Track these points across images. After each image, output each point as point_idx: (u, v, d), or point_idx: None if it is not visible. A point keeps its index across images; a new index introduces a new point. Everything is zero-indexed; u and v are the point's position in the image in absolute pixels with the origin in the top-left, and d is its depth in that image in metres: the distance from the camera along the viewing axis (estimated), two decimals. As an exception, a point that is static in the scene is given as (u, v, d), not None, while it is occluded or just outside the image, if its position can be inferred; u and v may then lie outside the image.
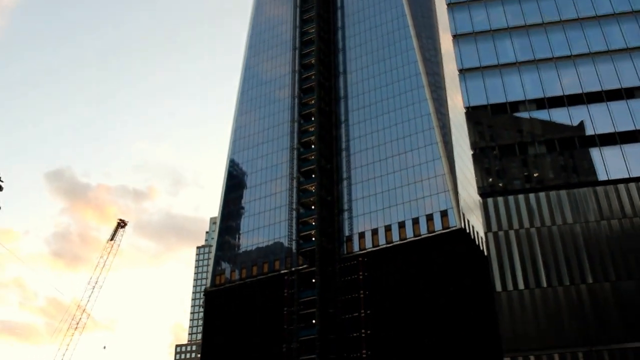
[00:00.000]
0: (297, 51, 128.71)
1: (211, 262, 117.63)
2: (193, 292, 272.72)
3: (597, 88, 56.86)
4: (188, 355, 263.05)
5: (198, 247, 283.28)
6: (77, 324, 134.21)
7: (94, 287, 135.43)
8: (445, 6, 67.77)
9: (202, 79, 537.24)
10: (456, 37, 64.37)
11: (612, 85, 56.64)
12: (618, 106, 55.21)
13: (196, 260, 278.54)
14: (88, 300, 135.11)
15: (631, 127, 53.78)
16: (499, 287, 50.06)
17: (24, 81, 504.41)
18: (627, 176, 51.72)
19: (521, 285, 49.66)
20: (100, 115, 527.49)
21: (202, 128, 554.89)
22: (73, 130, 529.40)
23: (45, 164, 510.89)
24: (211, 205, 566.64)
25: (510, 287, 49.83)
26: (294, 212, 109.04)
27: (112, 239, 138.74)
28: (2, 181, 14.94)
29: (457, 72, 62.31)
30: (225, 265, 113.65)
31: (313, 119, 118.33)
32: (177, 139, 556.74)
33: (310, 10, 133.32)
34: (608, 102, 55.73)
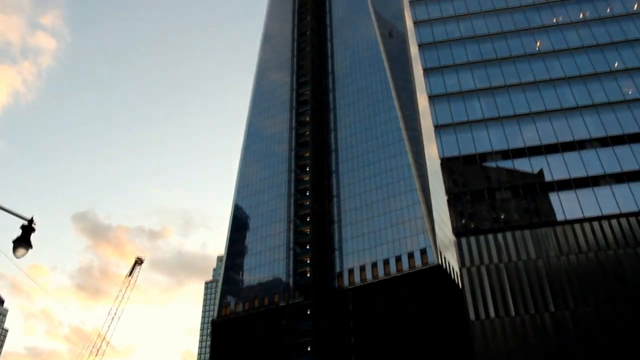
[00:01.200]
0: (294, 110, 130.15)
1: (218, 295, 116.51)
2: (201, 323, 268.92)
3: (553, 140, 57.77)
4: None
5: (206, 282, 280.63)
6: (97, 350, 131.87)
7: (113, 317, 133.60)
8: (422, 71, 69.05)
9: (210, 132, 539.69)
10: (431, 98, 65.36)
11: (566, 138, 57.62)
12: (572, 156, 56.07)
13: (204, 294, 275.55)
14: (107, 329, 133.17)
15: (583, 174, 54.53)
16: (472, 316, 49.86)
17: (58, 132, 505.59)
18: (581, 216, 52.21)
19: (492, 314, 49.51)
20: (121, 164, 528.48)
21: (210, 176, 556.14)
22: (97, 178, 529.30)
23: (72, 207, 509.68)
24: (217, 244, 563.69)
25: (482, 316, 49.66)
26: (291, 251, 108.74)
27: (130, 275, 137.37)
28: (35, 223, 15.18)
29: (432, 127, 63.12)
30: (230, 298, 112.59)
31: (308, 169, 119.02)
32: (188, 185, 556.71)
33: (305, 75, 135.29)
34: (563, 153, 56.59)
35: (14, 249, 18.17)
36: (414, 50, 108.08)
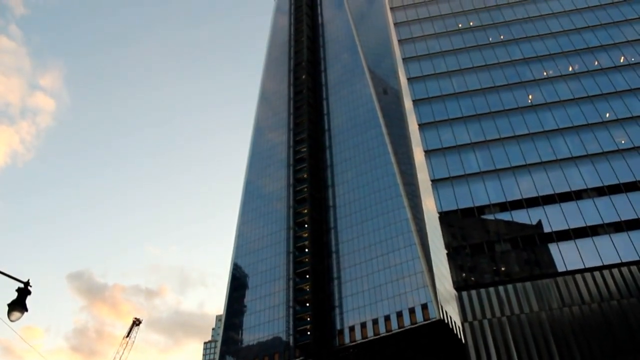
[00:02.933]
0: (291, 168, 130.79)
1: (217, 356, 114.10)
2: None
3: (550, 191, 57.84)
4: None
5: (205, 342, 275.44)
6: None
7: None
8: (417, 126, 69.71)
9: (207, 190, 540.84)
10: (427, 152, 65.73)
11: (562, 188, 57.73)
12: (569, 206, 56.02)
13: (203, 355, 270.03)
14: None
15: (582, 224, 54.34)
16: (477, 372, 48.73)
17: (54, 192, 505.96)
18: (582, 267, 51.68)
19: (497, 369, 48.38)
20: (118, 222, 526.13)
21: (207, 233, 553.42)
22: (94, 236, 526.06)
23: (68, 266, 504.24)
24: (215, 303, 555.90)
25: (487, 371, 48.52)
26: (291, 310, 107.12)
27: (127, 336, 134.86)
28: (30, 286, 14.85)
29: (429, 181, 63.26)
30: (230, 359, 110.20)
31: (306, 226, 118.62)
32: (185, 243, 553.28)
33: (302, 132, 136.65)
34: (560, 203, 56.57)
35: (9, 312, 17.80)
36: (408, 105, 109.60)
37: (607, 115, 63.31)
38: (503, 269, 55.27)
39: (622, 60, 69.22)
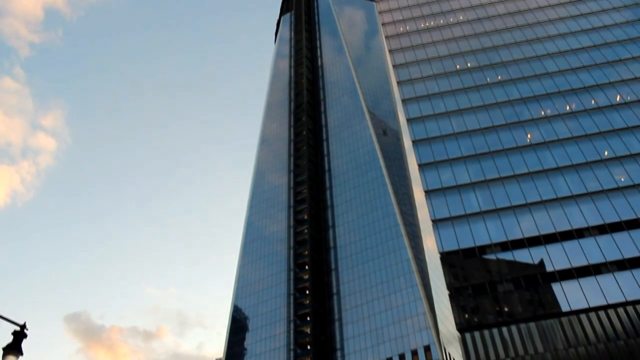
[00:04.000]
0: (291, 209, 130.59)
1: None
2: None
3: (551, 230, 57.51)
4: None
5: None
6: None
7: None
8: (417, 166, 69.82)
9: (207, 231, 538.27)
10: (427, 193, 65.64)
11: (564, 227, 57.41)
12: (571, 245, 55.62)
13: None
14: None
15: (584, 263, 53.83)
16: (482, 415, 47.58)
17: (52, 232, 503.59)
18: (587, 306, 50.98)
19: (502, 413, 47.25)
20: (116, 263, 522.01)
21: (206, 274, 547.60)
22: (92, 277, 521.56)
23: (65, 308, 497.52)
24: (214, 345, 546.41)
25: (492, 414, 47.38)
26: (292, 352, 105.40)
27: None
28: (26, 329, 14.44)
29: (430, 220, 62.98)
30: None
31: (307, 267, 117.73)
32: (183, 284, 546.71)
33: (302, 173, 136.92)
34: (562, 242, 56.18)
35: (4, 356, 17.40)
36: (408, 145, 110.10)
37: (606, 153, 63.48)
38: (506, 309, 54.53)
39: (618, 99, 69.81)
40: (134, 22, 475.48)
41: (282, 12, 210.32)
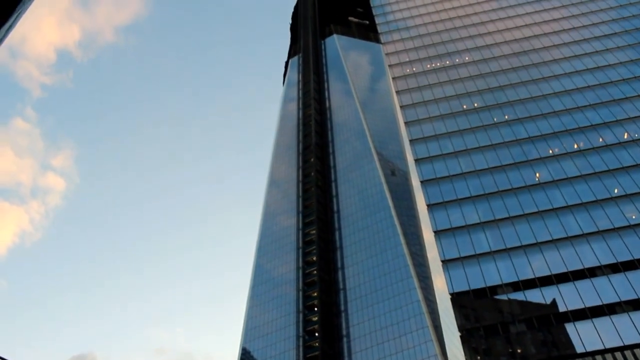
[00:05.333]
0: (300, 250, 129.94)
1: None
2: None
3: (563, 270, 56.77)
4: None
5: None
6: None
7: None
8: (426, 206, 69.58)
9: (215, 273, 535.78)
10: (437, 233, 65.26)
11: (575, 266, 56.67)
12: (584, 284, 54.80)
13: None
14: None
15: (598, 303, 52.91)
16: None
17: (60, 272, 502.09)
18: (602, 347, 49.87)
19: None
20: (123, 304, 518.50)
21: (215, 317, 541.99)
22: (98, 318, 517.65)
23: (71, 350, 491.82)
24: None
25: None
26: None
27: None
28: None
29: (439, 261, 62.41)
30: None
31: (316, 309, 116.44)
32: (191, 326, 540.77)
33: (311, 215, 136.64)
34: (575, 281, 55.37)
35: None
36: (416, 186, 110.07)
37: (616, 190, 63.09)
38: (519, 350, 53.48)
39: (626, 137, 69.77)
40: (142, 64, 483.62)
41: (290, 54, 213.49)
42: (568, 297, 54.28)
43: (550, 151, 71.11)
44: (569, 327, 52.40)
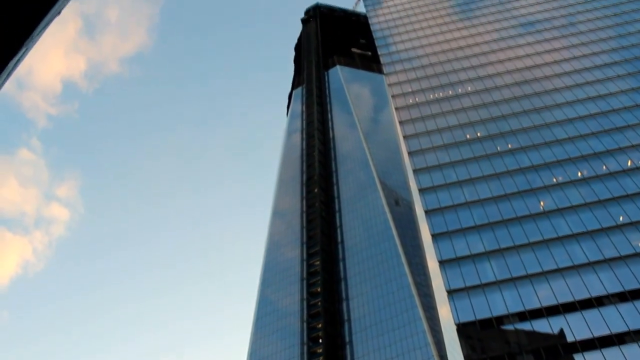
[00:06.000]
0: (304, 282, 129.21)
1: None
2: None
3: (570, 299, 56.25)
4: None
5: None
6: None
7: None
8: (430, 236, 69.39)
9: (220, 305, 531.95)
10: (441, 263, 64.94)
11: (582, 295, 56.15)
12: (591, 313, 54.22)
13: None
14: None
15: (607, 332, 52.26)
16: None
17: (61, 303, 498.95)
18: (611, 378, 49.30)
19: None
20: (125, 336, 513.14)
21: (219, 350, 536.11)
22: (99, 351, 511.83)
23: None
24: None
25: None
26: None
27: None
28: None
29: (445, 291, 62.00)
30: None
31: (321, 341, 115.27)
32: (193, 357, 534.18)
33: (315, 245, 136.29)
34: (582, 311, 54.80)
35: None
36: (420, 215, 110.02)
37: (621, 218, 62.88)
38: (527, 382, 52.78)
39: (629, 164, 69.80)
40: (146, 95, 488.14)
41: (294, 86, 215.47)
42: (576, 327, 53.71)
43: (554, 179, 71.13)
44: (578, 358, 51.72)
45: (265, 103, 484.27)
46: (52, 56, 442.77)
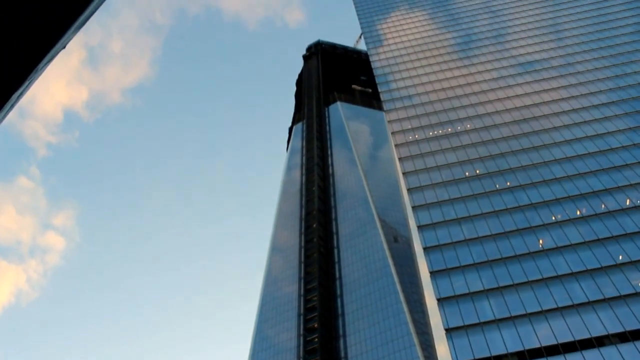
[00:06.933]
0: (301, 317, 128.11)
1: None
2: None
3: (570, 339, 55.66)
4: None
5: None
6: None
7: None
8: (429, 273, 69.01)
9: (215, 340, 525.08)
10: (440, 300, 64.47)
11: (582, 335, 55.58)
12: (592, 354, 53.57)
13: None
14: None
15: (607, 373, 51.79)
16: None
17: (55, 333, 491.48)
18: (612, 421, 48.52)
19: None
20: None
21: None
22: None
23: None
24: None
25: None
26: None
27: None
28: None
29: (443, 329, 61.42)
30: None
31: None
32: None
33: (313, 281, 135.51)
34: (582, 351, 54.18)
35: None
36: (419, 252, 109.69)
37: (620, 257, 62.64)
38: None
39: (628, 203, 69.86)
40: (147, 126, 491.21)
41: (294, 121, 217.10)
42: (576, 368, 53.13)
43: (553, 217, 71.11)
44: (578, 399, 51.09)
45: (265, 137, 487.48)
46: (54, 86, 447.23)
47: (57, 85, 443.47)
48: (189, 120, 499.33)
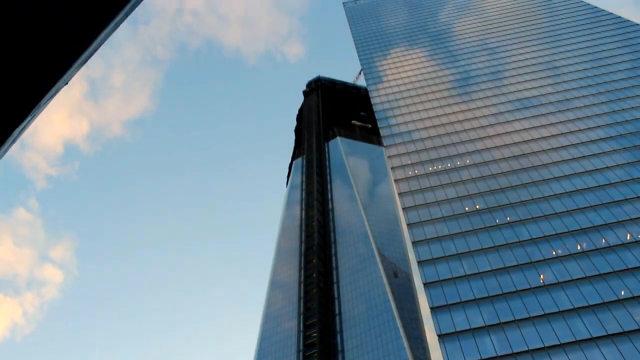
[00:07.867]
0: (300, 353, 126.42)
1: None
2: None
3: (573, 376, 55.10)
4: None
5: None
6: None
7: None
8: (429, 308, 68.44)
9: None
10: (441, 337, 63.81)
11: (586, 372, 55.02)
12: (595, 391, 53.00)
13: None
14: None
15: (612, 411, 50.94)
16: None
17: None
18: None
19: None
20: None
21: None
22: None
23: None
24: None
25: None
26: None
27: None
28: None
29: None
30: None
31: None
32: None
33: (312, 317, 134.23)
34: (586, 389, 53.59)
35: None
36: (419, 287, 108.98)
37: (622, 293, 62.17)
38: None
39: (628, 238, 69.67)
40: (147, 159, 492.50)
41: (294, 156, 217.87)
42: (580, 406, 52.30)
43: (554, 252, 70.84)
44: None
45: (264, 171, 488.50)
46: (55, 118, 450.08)
47: (58, 118, 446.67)
48: (188, 154, 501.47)
